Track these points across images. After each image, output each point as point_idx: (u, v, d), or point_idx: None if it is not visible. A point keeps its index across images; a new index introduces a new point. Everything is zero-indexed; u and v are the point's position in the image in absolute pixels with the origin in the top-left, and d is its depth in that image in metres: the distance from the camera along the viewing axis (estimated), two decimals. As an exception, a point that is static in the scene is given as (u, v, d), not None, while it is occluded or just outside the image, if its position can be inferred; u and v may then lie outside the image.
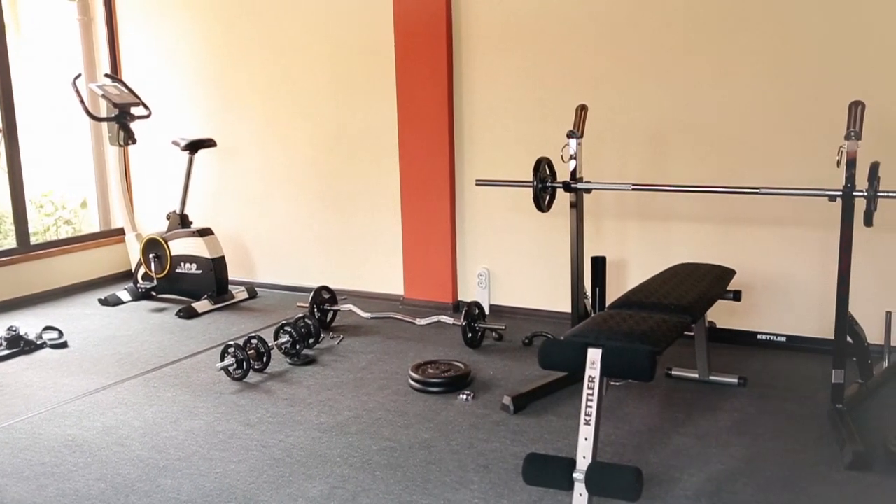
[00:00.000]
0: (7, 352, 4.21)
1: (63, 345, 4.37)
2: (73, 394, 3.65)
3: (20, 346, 4.27)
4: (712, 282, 3.27)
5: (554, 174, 3.75)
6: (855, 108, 3.08)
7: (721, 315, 3.99)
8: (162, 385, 3.74)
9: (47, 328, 4.53)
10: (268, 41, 5.32)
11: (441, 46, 4.65)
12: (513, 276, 4.78)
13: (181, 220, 5.30)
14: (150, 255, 5.28)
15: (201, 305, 5.01)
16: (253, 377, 3.80)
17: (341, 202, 5.26)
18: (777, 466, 2.82)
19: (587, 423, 2.36)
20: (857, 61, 3.76)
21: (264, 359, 3.86)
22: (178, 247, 5.21)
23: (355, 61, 5.05)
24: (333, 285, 4.82)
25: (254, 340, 3.85)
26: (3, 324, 4.54)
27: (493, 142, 4.69)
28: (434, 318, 4.37)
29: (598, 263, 3.85)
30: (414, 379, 3.64)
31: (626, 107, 4.29)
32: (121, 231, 5.82)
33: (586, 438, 2.35)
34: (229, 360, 3.74)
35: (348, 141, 5.17)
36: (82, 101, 5.02)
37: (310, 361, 4.03)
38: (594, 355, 2.41)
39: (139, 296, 5.24)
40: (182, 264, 5.21)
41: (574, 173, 3.65)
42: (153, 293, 5.30)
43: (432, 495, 2.66)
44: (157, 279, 5.28)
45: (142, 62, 5.80)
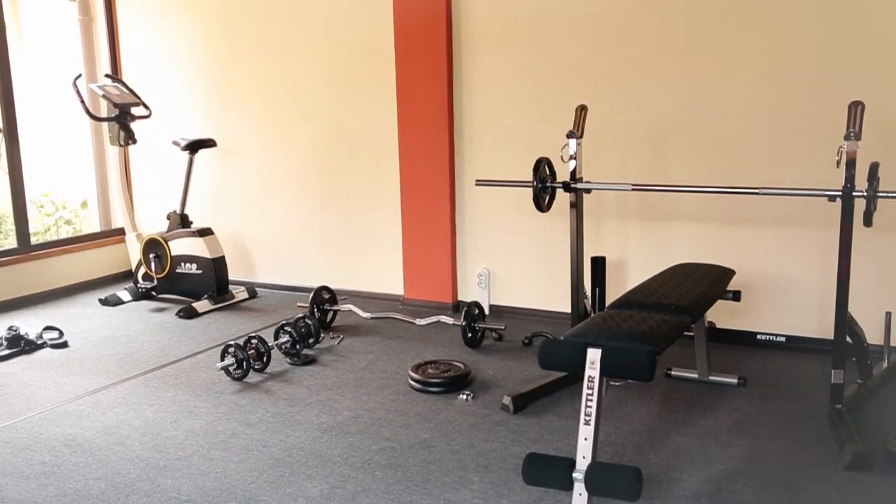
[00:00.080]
0: (7, 351, 4.22)
1: (63, 345, 4.37)
2: (74, 393, 3.65)
3: (21, 345, 4.27)
4: (712, 282, 3.28)
5: (554, 174, 3.76)
6: (855, 108, 3.08)
7: (721, 315, 3.99)
8: (162, 385, 3.75)
9: (48, 328, 4.53)
10: (268, 41, 5.32)
11: (441, 46, 4.66)
12: (513, 276, 4.78)
13: (181, 220, 5.30)
14: (151, 255, 5.29)
15: (201, 305, 5.02)
16: (253, 377, 3.80)
17: (341, 202, 5.26)
18: (777, 466, 2.82)
19: (587, 423, 2.36)
20: (857, 61, 3.76)
21: (264, 359, 3.87)
22: (178, 247, 5.22)
23: (355, 61, 5.05)
24: (333, 285, 4.82)
25: (254, 340, 3.86)
26: (3, 323, 4.55)
27: (493, 142, 4.69)
28: (434, 318, 4.37)
29: (598, 263, 3.85)
30: (414, 379, 3.64)
31: (626, 107, 4.29)
32: (121, 231, 5.83)
33: (586, 438, 2.35)
34: (229, 359, 3.74)
35: (348, 141, 5.17)
36: (83, 102, 5.02)
37: (310, 361, 4.03)
38: (594, 355, 2.41)
39: (139, 296, 5.24)
40: (182, 264, 5.21)
41: (574, 173, 3.65)
42: (153, 293, 5.31)
43: (432, 495, 2.66)
44: (158, 279, 5.29)
45: (142, 62, 5.81)
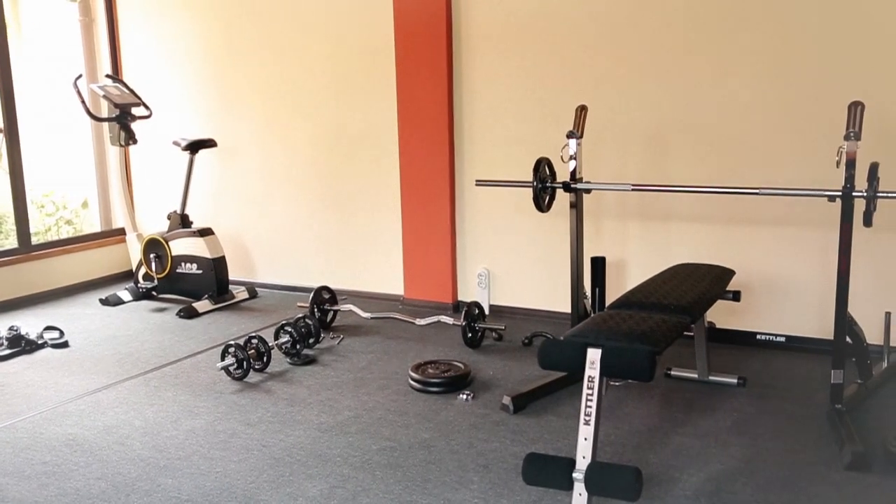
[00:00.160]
0: (8, 351, 4.22)
1: (64, 344, 4.38)
2: (74, 393, 3.66)
3: (21, 345, 4.28)
4: (712, 282, 3.28)
5: (554, 174, 3.76)
6: (854, 108, 3.08)
7: (721, 315, 3.99)
8: (162, 385, 3.75)
9: (48, 328, 4.54)
10: (268, 41, 5.33)
11: (441, 46, 4.66)
12: (513, 276, 4.79)
13: (182, 220, 5.30)
14: (151, 255, 5.29)
15: (202, 305, 5.02)
16: (253, 377, 3.81)
17: (341, 202, 5.26)
18: (776, 466, 2.82)
19: (587, 422, 2.36)
20: (857, 61, 3.76)
21: (264, 358, 3.87)
22: (178, 247, 5.22)
23: (355, 61, 5.05)
24: (333, 285, 4.82)
25: (254, 340, 3.86)
26: (4, 323, 4.55)
27: (493, 142, 4.70)
28: (434, 318, 4.38)
29: (598, 263, 3.85)
30: (414, 379, 3.64)
31: (626, 107, 4.29)
32: (122, 231, 5.83)
33: (586, 438, 2.35)
34: (230, 359, 3.75)
35: (348, 141, 5.17)
36: (83, 102, 5.03)
37: (310, 361, 4.03)
38: (594, 355, 2.42)
39: (140, 296, 5.24)
40: (183, 264, 5.22)
41: (574, 174, 3.66)
42: (154, 293, 5.31)
43: (432, 495, 2.66)
44: (158, 279, 5.29)
45: (143, 62, 5.81)
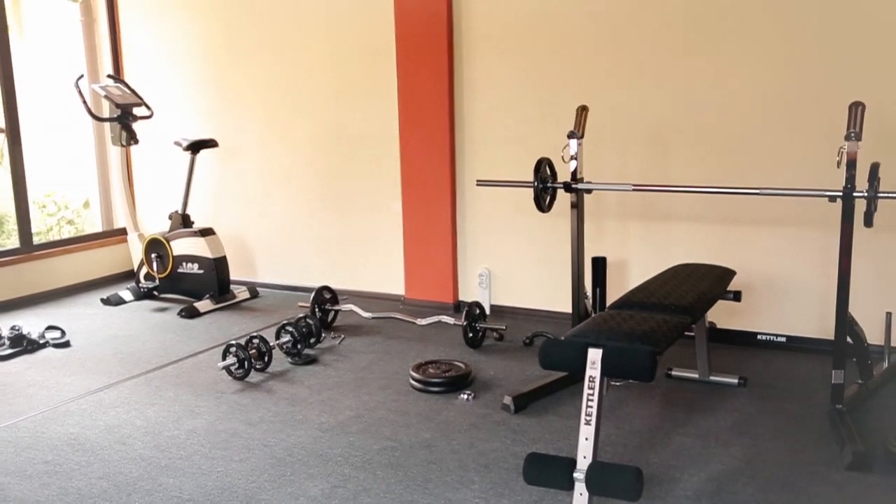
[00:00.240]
0: (10, 351, 4.23)
1: (65, 344, 4.38)
2: (76, 393, 3.66)
3: (23, 345, 4.28)
4: (712, 282, 3.28)
5: (554, 174, 3.76)
6: (855, 108, 3.08)
7: (721, 315, 4.00)
8: (164, 384, 3.76)
9: (50, 328, 4.55)
10: (268, 41, 5.33)
11: (441, 46, 4.66)
12: (513, 276, 4.79)
13: (183, 220, 5.31)
14: (153, 255, 5.30)
15: (203, 305, 5.03)
16: (254, 377, 3.81)
17: (342, 202, 5.27)
18: (777, 466, 2.83)
19: (588, 422, 2.37)
20: (857, 61, 3.76)
21: (266, 358, 3.87)
22: (180, 247, 5.23)
23: (355, 61, 5.06)
24: (334, 285, 4.83)
25: (255, 340, 3.86)
26: (6, 323, 4.56)
27: (494, 142, 4.70)
28: (435, 318, 4.38)
29: (599, 264, 3.85)
30: (415, 379, 3.65)
31: (626, 107, 4.30)
32: (123, 231, 5.84)
33: (587, 438, 2.35)
34: (231, 359, 3.75)
35: (348, 141, 5.18)
36: (85, 102, 5.03)
37: (311, 361, 4.04)
38: (595, 355, 2.42)
39: (141, 295, 5.25)
40: (184, 264, 5.22)
41: (574, 174, 3.66)
42: (155, 293, 5.32)
43: (433, 495, 2.67)
44: (160, 279, 5.30)
45: (144, 63, 5.82)
